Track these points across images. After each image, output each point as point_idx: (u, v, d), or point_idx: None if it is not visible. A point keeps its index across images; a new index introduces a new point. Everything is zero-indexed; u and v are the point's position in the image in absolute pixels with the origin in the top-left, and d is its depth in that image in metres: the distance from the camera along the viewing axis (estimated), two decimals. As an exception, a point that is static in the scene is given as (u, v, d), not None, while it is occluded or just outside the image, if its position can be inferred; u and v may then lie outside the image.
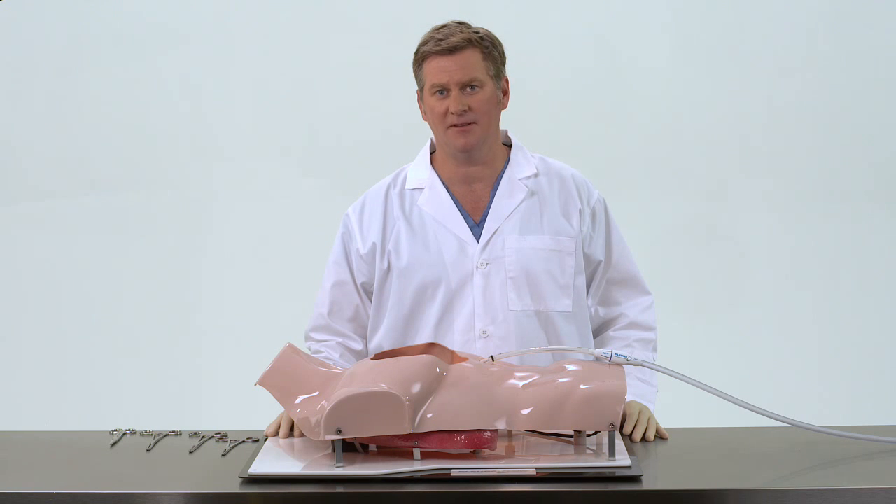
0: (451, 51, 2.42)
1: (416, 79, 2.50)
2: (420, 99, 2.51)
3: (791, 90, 4.38)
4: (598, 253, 2.57)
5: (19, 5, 4.40)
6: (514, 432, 2.21)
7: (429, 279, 2.49)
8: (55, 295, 4.48)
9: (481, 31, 2.47)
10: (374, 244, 2.53)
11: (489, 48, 2.46)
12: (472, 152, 2.48)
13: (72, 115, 4.44)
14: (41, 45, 4.42)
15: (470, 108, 2.43)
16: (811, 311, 4.43)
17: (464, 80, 2.42)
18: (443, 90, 2.43)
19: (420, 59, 2.47)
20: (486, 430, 2.03)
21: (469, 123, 2.43)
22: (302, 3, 4.41)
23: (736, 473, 2.02)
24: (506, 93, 2.52)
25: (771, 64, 4.38)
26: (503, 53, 2.51)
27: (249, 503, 1.93)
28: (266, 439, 2.27)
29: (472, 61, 2.43)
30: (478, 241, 2.49)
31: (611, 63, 4.40)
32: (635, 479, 1.95)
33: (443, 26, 2.47)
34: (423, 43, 2.46)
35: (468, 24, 2.48)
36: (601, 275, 2.59)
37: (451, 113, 2.43)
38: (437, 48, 2.43)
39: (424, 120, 2.53)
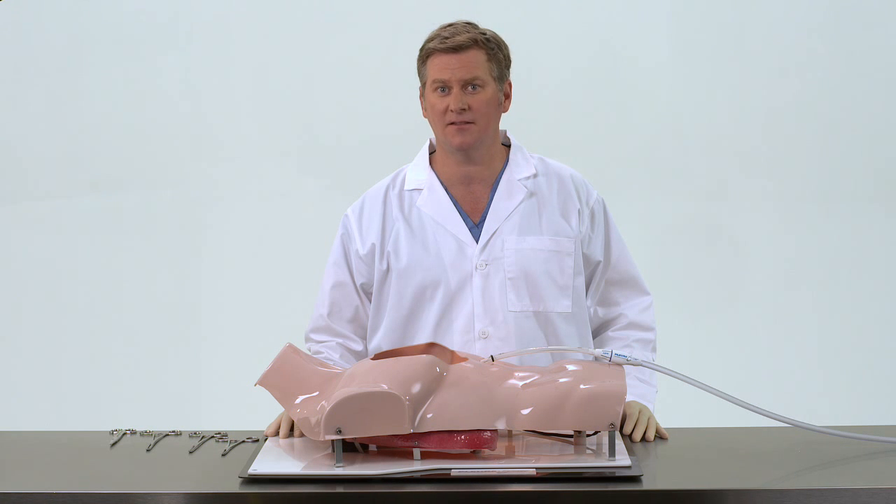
0: (456, 49, 2.42)
1: (419, 75, 2.50)
2: (422, 95, 2.51)
3: (791, 90, 4.37)
4: (597, 253, 2.57)
5: (19, 5, 4.39)
6: (514, 432, 2.21)
7: (428, 280, 2.49)
8: (55, 295, 4.47)
9: (488, 32, 2.47)
10: (373, 245, 2.53)
11: (494, 50, 2.45)
12: (468, 151, 2.48)
13: (72, 115, 4.44)
14: (41, 45, 4.42)
15: (469, 107, 2.42)
16: (811, 311, 4.43)
17: (466, 79, 2.42)
18: (444, 87, 2.43)
19: (424, 55, 2.46)
20: (486, 430, 2.03)
21: (467, 122, 2.43)
22: (302, 4, 4.41)
23: (736, 473, 2.02)
24: (508, 96, 2.52)
25: (771, 64, 4.37)
26: (508, 57, 2.50)
27: (249, 503, 1.93)
28: (266, 439, 2.27)
29: (475, 61, 2.43)
30: (477, 242, 2.49)
31: (611, 63, 4.40)
32: (635, 479, 1.95)
33: (450, 25, 2.47)
34: (429, 40, 2.46)
35: (475, 25, 2.48)
36: (600, 275, 2.59)
37: (451, 110, 2.42)
38: (441, 45, 2.42)
39: (425, 117, 2.52)
